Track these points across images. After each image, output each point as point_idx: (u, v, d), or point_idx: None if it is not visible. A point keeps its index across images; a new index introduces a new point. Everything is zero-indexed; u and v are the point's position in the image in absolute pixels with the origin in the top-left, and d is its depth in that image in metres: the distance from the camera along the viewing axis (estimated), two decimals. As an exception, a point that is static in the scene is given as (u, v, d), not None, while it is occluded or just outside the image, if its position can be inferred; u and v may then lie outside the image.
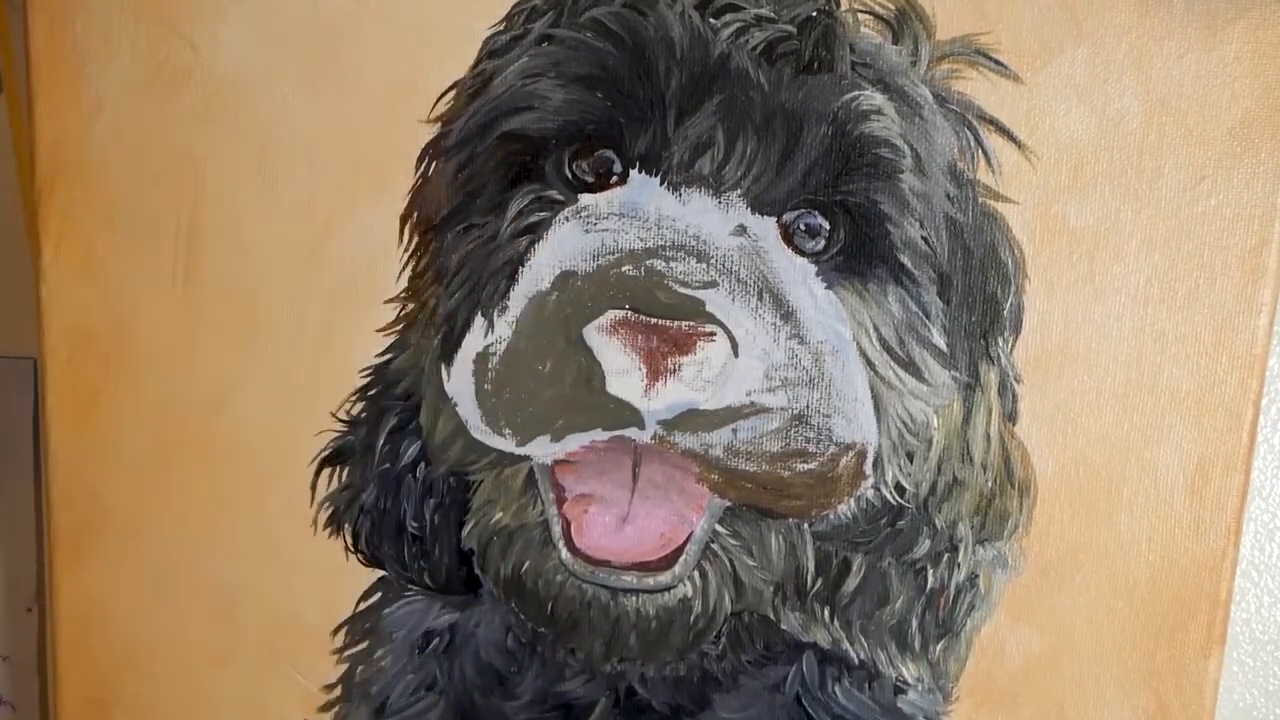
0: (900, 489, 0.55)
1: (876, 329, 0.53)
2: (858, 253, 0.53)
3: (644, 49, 0.51)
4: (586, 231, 0.52)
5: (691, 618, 0.55)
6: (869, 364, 0.53)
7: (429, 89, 0.54)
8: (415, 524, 0.56)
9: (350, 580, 0.58)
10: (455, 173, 0.53)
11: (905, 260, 0.53)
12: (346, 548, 0.57)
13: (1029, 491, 0.56)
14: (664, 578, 0.54)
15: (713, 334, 0.50)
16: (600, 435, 0.51)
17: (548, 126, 0.52)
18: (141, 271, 0.55)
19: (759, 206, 0.52)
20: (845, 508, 0.54)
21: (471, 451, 0.53)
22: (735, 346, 0.50)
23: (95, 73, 0.54)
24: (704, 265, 0.51)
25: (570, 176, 0.52)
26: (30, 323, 0.56)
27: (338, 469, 0.57)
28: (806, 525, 0.55)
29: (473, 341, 0.52)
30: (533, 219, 0.52)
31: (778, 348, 0.51)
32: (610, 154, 0.52)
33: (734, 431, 0.51)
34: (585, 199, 0.52)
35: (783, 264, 0.52)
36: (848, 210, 0.52)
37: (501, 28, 0.53)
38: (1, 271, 0.63)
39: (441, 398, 0.52)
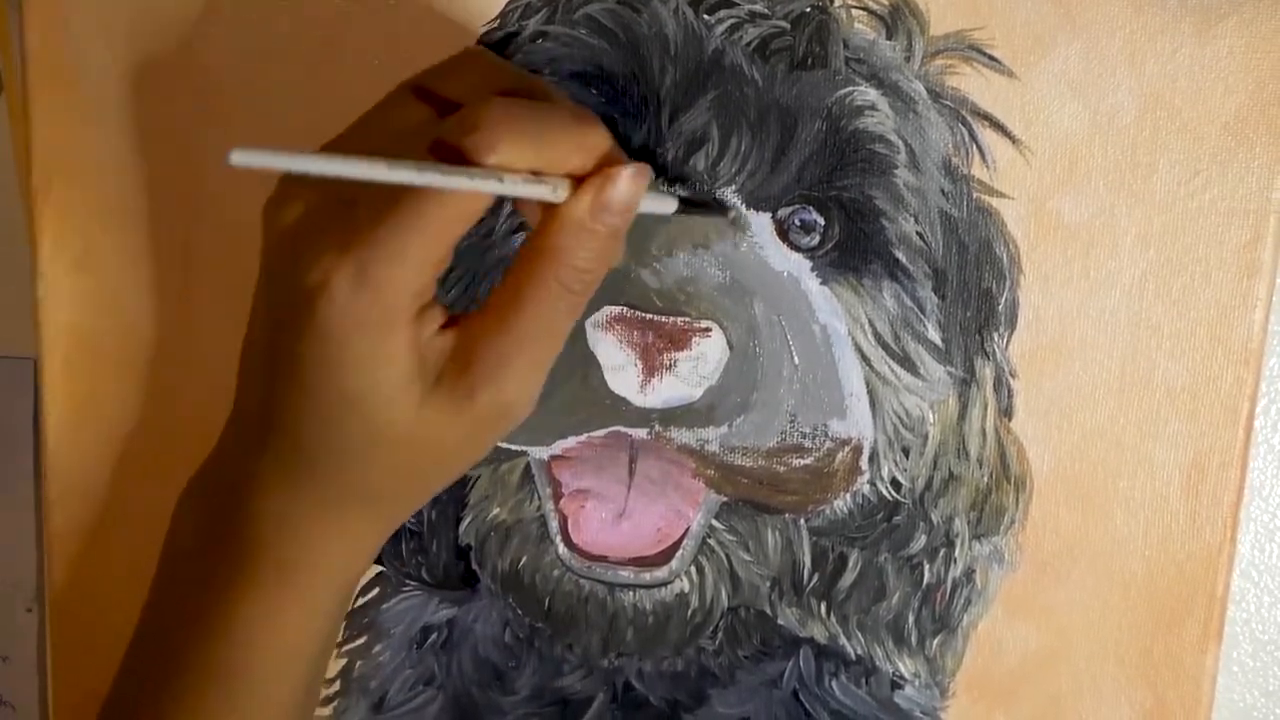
0: (896, 484, 0.55)
1: (872, 324, 0.53)
2: (852, 248, 0.53)
3: (638, 45, 0.51)
4: (582, 228, 0.52)
5: (688, 613, 0.55)
6: (864, 359, 0.53)
7: (424, 86, 0.54)
8: (413, 520, 0.56)
9: (348, 577, 0.58)
10: (451, 170, 0.54)
11: (900, 255, 0.53)
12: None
13: (1025, 486, 0.56)
14: (661, 573, 0.54)
15: (708, 330, 0.50)
16: (597, 431, 0.52)
17: (543, 123, 0.52)
18: (139, 271, 0.55)
19: (754, 202, 0.52)
20: (841, 503, 0.55)
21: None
22: (730, 342, 0.51)
23: (91, 72, 0.54)
24: (699, 261, 0.51)
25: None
26: (30, 323, 0.56)
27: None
28: (803, 520, 0.55)
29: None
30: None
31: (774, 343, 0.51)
32: (605, 150, 0.52)
33: (729, 427, 0.52)
34: (580, 195, 0.52)
35: (778, 260, 0.52)
36: (842, 206, 0.52)
37: (496, 24, 0.54)
38: (1, 271, 0.63)
39: (438, 394, 0.53)
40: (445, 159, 0.37)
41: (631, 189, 0.39)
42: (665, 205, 0.45)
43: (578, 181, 0.39)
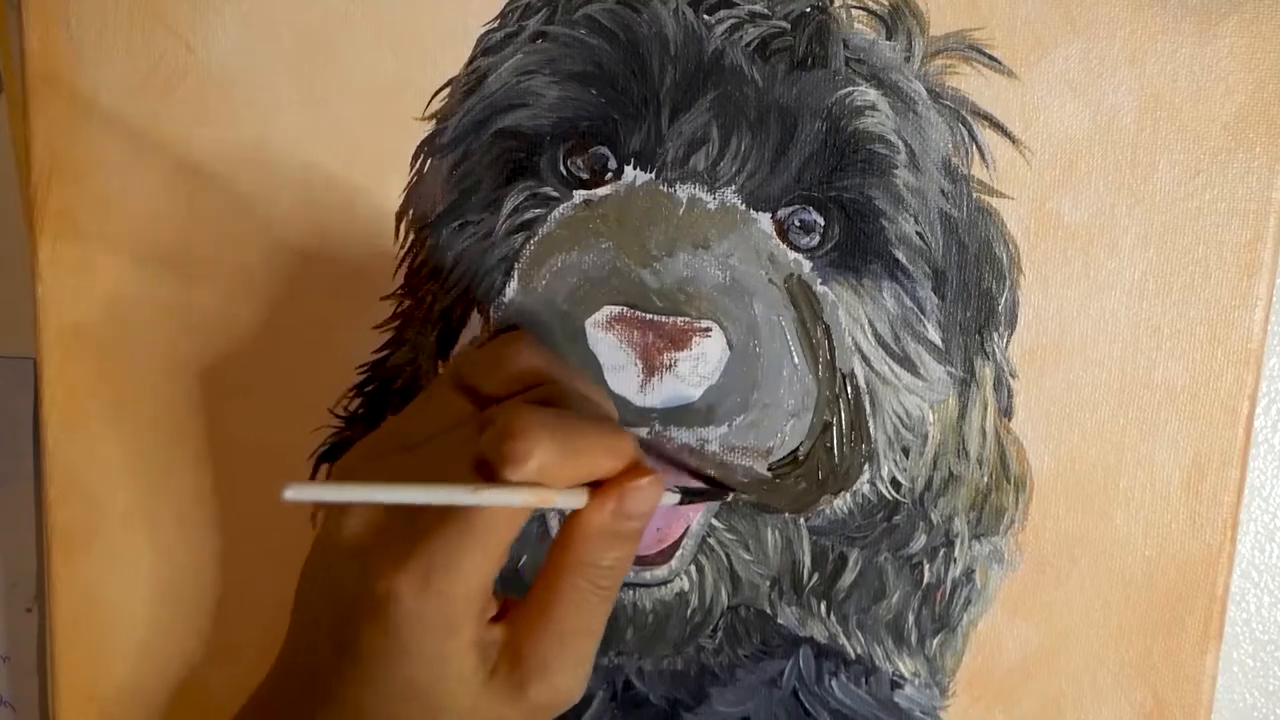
0: (896, 484, 0.55)
1: (872, 324, 0.53)
2: (852, 248, 0.53)
3: (638, 45, 0.51)
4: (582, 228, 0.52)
5: (688, 612, 0.55)
6: (864, 359, 0.53)
7: (423, 86, 0.54)
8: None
9: (348, 577, 0.58)
10: (450, 170, 0.54)
11: (900, 255, 0.53)
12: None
13: (1024, 486, 0.56)
14: (660, 572, 0.54)
15: (708, 330, 0.50)
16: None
17: (542, 123, 0.52)
18: (137, 270, 0.55)
19: (754, 202, 0.52)
20: (841, 503, 0.55)
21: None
22: (731, 342, 0.51)
23: (90, 72, 0.54)
24: (699, 261, 0.51)
25: (565, 173, 0.53)
26: (30, 323, 0.56)
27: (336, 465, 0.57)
28: (803, 520, 0.55)
29: (469, 337, 0.52)
30: (528, 215, 0.52)
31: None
32: (605, 150, 0.52)
33: (730, 426, 0.52)
34: (580, 195, 0.52)
35: (778, 260, 0.52)
36: (842, 206, 0.52)
37: (496, 25, 0.54)
38: (1, 271, 0.63)
39: (438, 394, 0.53)
40: (485, 466, 0.40)
41: (651, 496, 0.42)
42: (668, 500, 0.48)
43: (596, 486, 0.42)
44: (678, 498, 0.48)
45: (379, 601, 0.40)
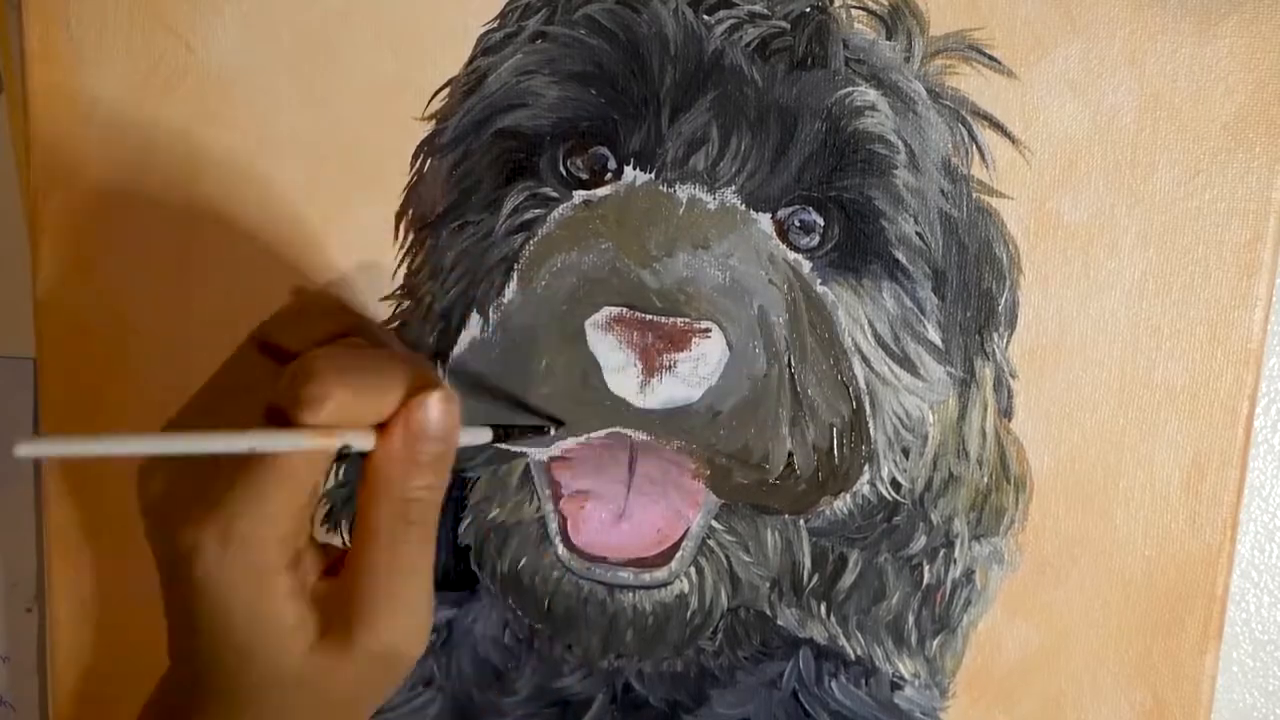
0: (896, 485, 0.55)
1: (871, 325, 0.53)
2: (852, 248, 0.53)
3: (638, 46, 0.51)
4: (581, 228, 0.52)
5: (688, 613, 0.55)
6: (864, 360, 0.53)
7: (423, 86, 0.54)
8: (412, 520, 0.56)
9: (348, 577, 0.58)
10: (450, 170, 0.54)
11: (900, 256, 0.53)
12: (344, 544, 0.57)
13: (1024, 487, 0.56)
14: (660, 573, 0.54)
15: (708, 330, 0.50)
16: (596, 431, 0.52)
17: (542, 123, 0.52)
18: (138, 270, 0.55)
19: (753, 203, 0.52)
20: (841, 504, 0.55)
21: (468, 448, 0.53)
22: (730, 343, 0.51)
23: (91, 72, 0.54)
24: (699, 261, 0.51)
25: (565, 173, 0.53)
26: (30, 323, 0.56)
27: (335, 465, 0.57)
28: (802, 521, 0.55)
29: (469, 338, 0.52)
30: (528, 215, 0.52)
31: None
32: (604, 150, 0.52)
33: (729, 428, 0.51)
34: (580, 195, 0.52)
35: (778, 260, 0.52)
36: (842, 206, 0.52)
37: (496, 25, 0.54)
38: (1, 271, 0.63)
39: (437, 394, 0.53)
40: (283, 410, 0.39)
41: (439, 413, 0.40)
42: (480, 436, 0.47)
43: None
44: (489, 435, 0.47)
45: (187, 559, 0.39)
